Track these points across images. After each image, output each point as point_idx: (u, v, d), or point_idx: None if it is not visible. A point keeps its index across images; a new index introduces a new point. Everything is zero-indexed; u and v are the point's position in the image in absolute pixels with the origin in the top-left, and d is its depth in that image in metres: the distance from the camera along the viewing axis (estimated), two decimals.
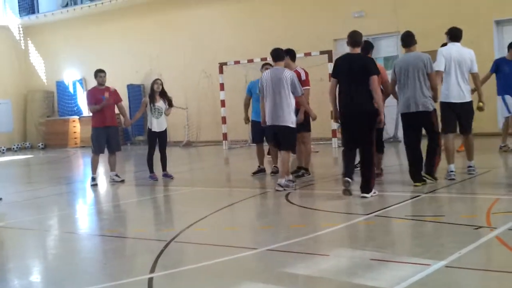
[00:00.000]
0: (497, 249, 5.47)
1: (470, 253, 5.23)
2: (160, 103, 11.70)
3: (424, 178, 8.92)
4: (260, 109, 10.06)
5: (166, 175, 11.84)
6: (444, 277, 4.75)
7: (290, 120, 9.36)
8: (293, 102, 9.39)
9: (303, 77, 10.33)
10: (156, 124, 11.64)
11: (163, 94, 11.81)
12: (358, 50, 8.60)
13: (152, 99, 11.65)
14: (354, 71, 8.35)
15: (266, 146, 12.01)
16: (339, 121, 8.77)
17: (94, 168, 11.72)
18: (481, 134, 15.73)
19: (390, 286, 4.48)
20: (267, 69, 11.19)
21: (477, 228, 6.09)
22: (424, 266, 4.90)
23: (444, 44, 10.00)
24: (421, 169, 8.98)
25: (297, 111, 9.78)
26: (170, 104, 11.85)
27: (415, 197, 8.23)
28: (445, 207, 7.56)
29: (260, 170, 11.47)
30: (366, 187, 8.30)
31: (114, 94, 11.87)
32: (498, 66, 12.69)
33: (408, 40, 9.15)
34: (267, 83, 9.47)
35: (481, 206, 7.48)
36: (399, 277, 4.66)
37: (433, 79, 8.94)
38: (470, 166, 9.68)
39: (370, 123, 8.31)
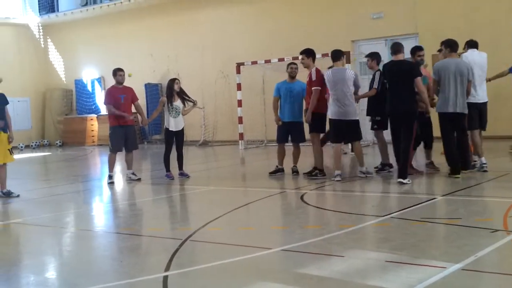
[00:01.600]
0: None
1: (486, 257, 5.19)
2: (178, 103, 11.73)
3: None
4: (287, 109, 11.17)
5: (182, 174, 11.87)
6: (460, 280, 4.72)
7: (355, 113, 10.30)
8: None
9: (314, 77, 10.55)
10: (174, 123, 11.68)
11: (181, 94, 11.85)
12: (400, 57, 9.75)
13: (170, 99, 11.68)
14: (399, 75, 9.55)
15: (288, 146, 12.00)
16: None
17: (111, 166, 11.79)
18: (499, 137, 15.63)
19: None
20: (292, 68, 11.26)
21: (493, 232, 6.05)
22: (440, 268, 4.87)
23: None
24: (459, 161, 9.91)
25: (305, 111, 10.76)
26: (194, 103, 11.93)
27: (431, 199, 8.18)
28: (461, 209, 7.50)
29: (278, 170, 11.44)
30: (402, 174, 9.51)
31: (131, 93, 11.92)
32: None
33: (455, 46, 10.08)
34: (330, 82, 10.19)
35: (498, 209, 7.41)
36: (414, 280, 4.64)
37: (470, 86, 10.00)
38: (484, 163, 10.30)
39: (412, 121, 9.53)
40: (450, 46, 10.08)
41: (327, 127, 11.09)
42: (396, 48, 9.80)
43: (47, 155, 21.86)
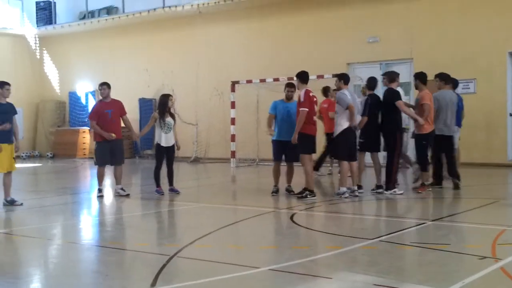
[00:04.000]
0: (501, 280, 5.41)
1: (473, 283, 5.18)
2: (170, 118, 11.74)
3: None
4: (283, 128, 11.22)
5: (173, 190, 11.83)
6: None
7: None
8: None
9: (302, 99, 10.57)
10: (165, 139, 11.65)
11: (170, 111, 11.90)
12: (394, 85, 11.18)
13: (163, 115, 11.67)
14: (385, 101, 11.14)
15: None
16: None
17: (100, 180, 11.69)
18: (491, 165, 15.69)
19: None
20: (288, 91, 11.39)
21: (481, 258, 6.04)
22: None
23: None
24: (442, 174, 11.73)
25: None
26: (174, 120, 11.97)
27: (420, 224, 8.17)
28: (450, 235, 7.50)
29: (277, 190, 11.40)
30: (387, 186, 11.04)
31: (119, 106, 11.83)
32: None
33: (449, 79, 11.70)
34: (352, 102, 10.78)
35: (487, 236, 7.40)
36: None
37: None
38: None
39: (394, 140, 10.96)
40: (444, 79, 11.63)
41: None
42: (393, 76, 11.29)
43: (37, 166, 21.75)
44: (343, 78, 11.06)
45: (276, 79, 17.35)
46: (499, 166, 15.69)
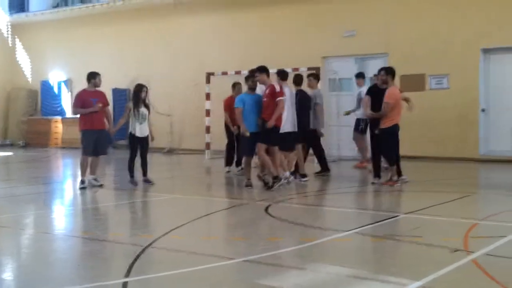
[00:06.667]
0: (473, 272, 5.48)
1: (446, 276, 5.24)
2: (143, 109, 11.63)
3: None
4: (251, 120, 10.93)
5: (146, 181, 11.75)
6: None
7: None
8: None
9: (278, 89, 10.93)
10: (139, 129, 11.55)
11: (145, 102, 11.78)
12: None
13: (137, 105, 11.56)
14: None
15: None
16: None
17: (84, 171, 11.40)
18: (463, 159, 15.88)
19: None
20: (254, 81, 11.28)
21: (454, 251, 6.11)
22: (400, 285, 4.90)
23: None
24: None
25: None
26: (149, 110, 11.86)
27: (394, 216, 8.24)
28: (423, 228, 7.57)
29: (251, 184, 11.23)
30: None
31: (102, 97, 11.67)
32: None
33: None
34: (288, 97, 11.28)
35: (459, 229, 7.49)
36: None
37: None
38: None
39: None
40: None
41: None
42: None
43: (9, 155, 21.45)
44: (280, 75, 11.73)
45: (251, 71, 17.28)
46: (471, 161, 15.88)
